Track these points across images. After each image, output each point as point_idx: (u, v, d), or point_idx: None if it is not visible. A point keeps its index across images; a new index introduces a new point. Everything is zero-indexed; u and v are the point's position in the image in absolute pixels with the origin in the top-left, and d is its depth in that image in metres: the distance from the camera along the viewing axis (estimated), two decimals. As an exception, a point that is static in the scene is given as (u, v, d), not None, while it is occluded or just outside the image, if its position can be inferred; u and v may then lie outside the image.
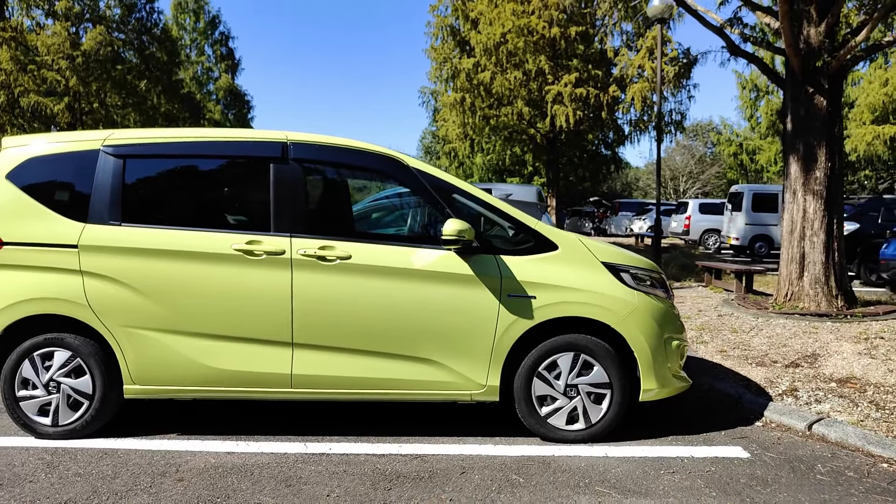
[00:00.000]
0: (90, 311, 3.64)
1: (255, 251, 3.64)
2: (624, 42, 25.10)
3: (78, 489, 3.04)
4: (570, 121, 23.47)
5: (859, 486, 3.12)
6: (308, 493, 3.02)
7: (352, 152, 3.88)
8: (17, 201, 3.73)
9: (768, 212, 17.25)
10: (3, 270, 3.69)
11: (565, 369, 3.70)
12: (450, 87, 25.99)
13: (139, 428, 3.89)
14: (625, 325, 3.67)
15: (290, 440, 3.72)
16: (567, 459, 3.44)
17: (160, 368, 3.67)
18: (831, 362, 5.12)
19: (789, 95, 7.34)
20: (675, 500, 2.96)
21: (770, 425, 4.01)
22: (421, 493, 3.01)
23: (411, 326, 3.64)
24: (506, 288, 3.64)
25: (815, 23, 7.04)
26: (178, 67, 28.86)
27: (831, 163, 7.11)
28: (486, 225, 3.88)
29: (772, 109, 35.08)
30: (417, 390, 3.70)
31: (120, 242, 3.66)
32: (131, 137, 3.84)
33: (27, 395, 3.70)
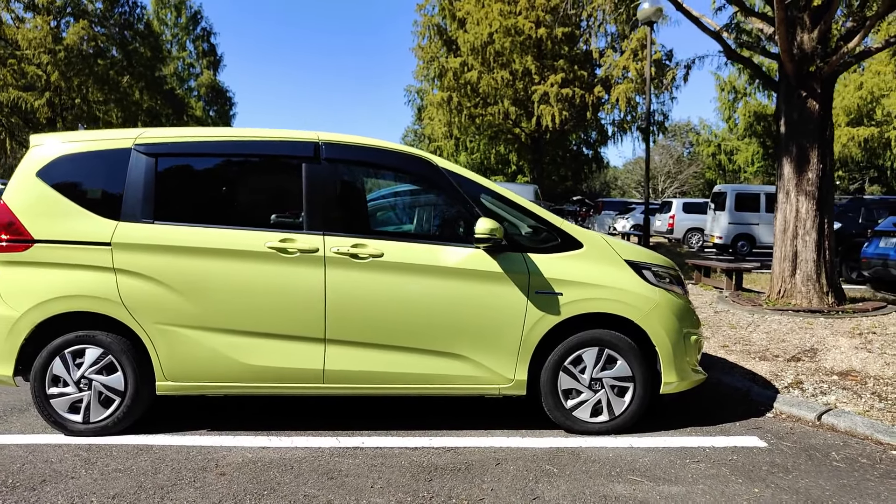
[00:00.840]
0: (123, 309, 3.67)
1: (289, 249, 3.70)
2: (608, 43, 25.43)
3: (122, 484, 3.08)
4: (556, 121, 23.73)
5: (874, 471, 3.30)
6: (352, 484, 3.10)
7: (382, 152, 3.96)
8: (47, 199, 3.75)
9: (750, 211, 17.63)
10: (34, 268, 3.70)
11: (590, 363, 3.82)
12: (436, 85, 26.09)
13: (168, 424, 3.93)
14: (647, 321, 3.81)
15: (321, 435, 3.79)
16: (595, 450, 3.57)
17: (193, 365, 3.72)
18: (830, 356, 5.34)
19: (783, 99, 7.57)
20: (705, 486, 3.10)
21: (781, 416, 4.19)
22: (461, 484, 3.12)
23: (441, 322, 3.74)
24: (533, 285, 3.76)
25: (808, 29, 7.28)
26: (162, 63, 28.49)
27: (823, 164, 7.35)
28: (513, 223, 3.98)
29: (749, 111, 35.71)
30: (447, 384, 3.80)
31: (153, 240, 3.69)
32: (163, 136, 3.88)
33: (58, 393, 3.72)
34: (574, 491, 3.04)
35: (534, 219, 3.94)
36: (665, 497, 2.97)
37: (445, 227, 4.05)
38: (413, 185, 4.23)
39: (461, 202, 3.89)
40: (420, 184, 4.14)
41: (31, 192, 3.76)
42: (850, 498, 2.99)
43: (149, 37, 26.48)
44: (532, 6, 23.42)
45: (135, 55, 24.90)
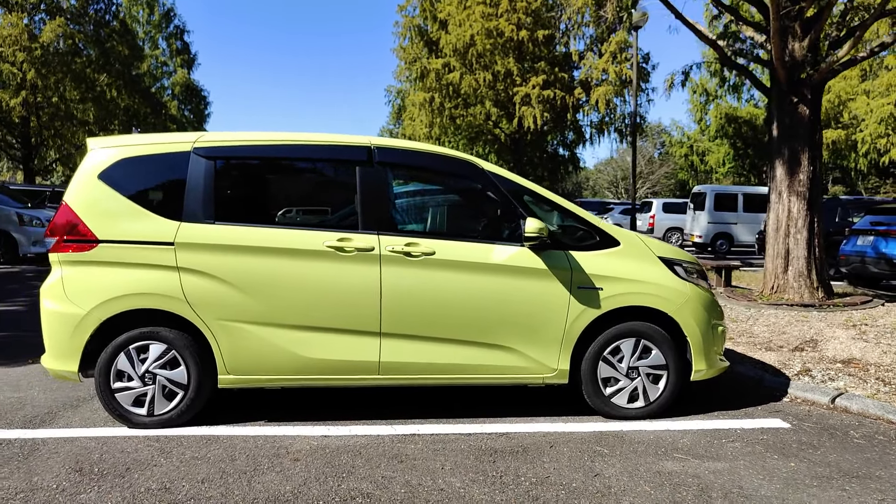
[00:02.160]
0: (187, 306, 3.82)
1: (346, 248, 3.90)
2: (588, 46, 25.95)
3: (206, 470, 3.25)
4: (537, 122, 24.16)
5: (891, 446, 3.65)
6: (422, 466, 3.32)
7: (430, 156, 4.18)
8: (110, 200, 3.88)
9: (729, 211, 18.26)
10: (98, 267, 3.83)
11: (627, 353, 4.10)
12: (418, 86, 26.29)
13: (226, 416, 4.08)
14: (680, 313, 4.10)
15: (376, 424, 4.00)
16: (636, 433, 3.85)
17: (254, 359, 3.89)
18: (831, 346, 5.73)
19: (775, 105, 8.00)
20: (746, 462, 3.40)
21: (796, 401, 4.53)
22: (524, 464, 3.36)
23: (490, 316, 3.98)
24: (575, 280, 4.02)
25: (799, 38, 7.70)
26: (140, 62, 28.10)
27: (813, 167, 7.79)
28: (554, 222, 4.24)
29: (720, 113, 36.68)
30: (495, 374, 4.04)
31: (216, 240, 3.85)
32: (221, 140, 4.03)
33: (122, 387, 3.86)
34: (629, 468, 3.31)
35: (573, 218, 4.21)
36: (713, 472, 3.26)
37: (491, 226, 4.28)
38: (459, 186, 4.45)
39: (505, 202, 4.13)
40: (466, 185, 4.37)
41: (94, 193, 3.89)
42: (877, 468, 3.32)
43: (125, 35, 26.11)
44: (513, 9, 23.78)
45: (112, 53, 24.54)
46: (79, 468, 3.27)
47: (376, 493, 3.01)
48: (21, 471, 3.23)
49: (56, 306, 3.81)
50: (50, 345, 3.84)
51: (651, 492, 3.03)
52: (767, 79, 8.38)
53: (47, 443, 3.64)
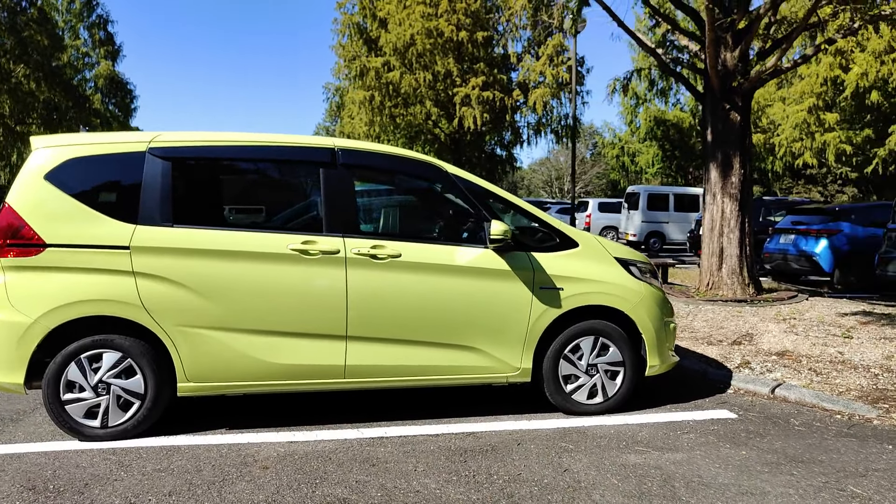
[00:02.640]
0: (144, 312, 3.68)
1: (311, 251, 3.85)
2: (525, 49, 26.42)
3: (171, 483, 3.15)
4: (477, 122, 24.40)
5: (828, 432, 3.94)
6: (395, 469, 3.33)
7: (394, 158, 4.19)
8: (58, 202, 3.69)
9: (661, 210, 19.03)
10: (46, 273, 3.63)
11: (587, 351, 4.24)
12: (358, 84, 26.02)
13: (183, 426, 3.96)
14: (635, 312, 4.28)
15: (342, 428, 3.97)
16: (597, 428, 4.00)
17: (216, 365, 3.79)
18: (766, 339, 6.10)
19: (709, 111, 8.42)
20: (701, 452, 3.59)
21: (739, 392, 4.80)
22: (495, 462, 3.43)
23: (456, 317, 4.03)
24: (537, 281, 4.13)
25: (730, 48, 8.13)
26: (61, 52, 26.57)
27: (744, 170, 8.25)
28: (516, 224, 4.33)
29: (650, 116, 38.08)
30: (461, 375, 4.09)
31: (174, 243, 3.73)
32: (178, 140, 3.90)
33: (73, 398, 3.68)
34: (595, 462, 3.43)
35: (534, 220, 4.31)
36: (673, 462, 3.43)
37: (455, 228, 4.33)
38: (424, 189, 4.47)
39: (469, 204, 4.18)
40: (430, 187, 4.40)
41: (40, 195, 3.69)
42: (819, 453, 3.57)
43: (44, 23, 24.62)
44: (453, 10, 23.93)
45: (30, 43, 23.10)
46: (31, 486, 3.11)
47: (352, 497, 3.01)
48: (-33, 491, 3.04)
49: (-1, 315, 3.60)
50: (-9, 356, 3.62)
51: (618, 484, 3.16)
52: (700, 87, 8.80)
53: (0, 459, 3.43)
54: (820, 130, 23.94)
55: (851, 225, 10.98)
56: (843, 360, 5.37)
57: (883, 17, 7.76)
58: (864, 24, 7.80)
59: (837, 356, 5.48)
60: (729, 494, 3.04)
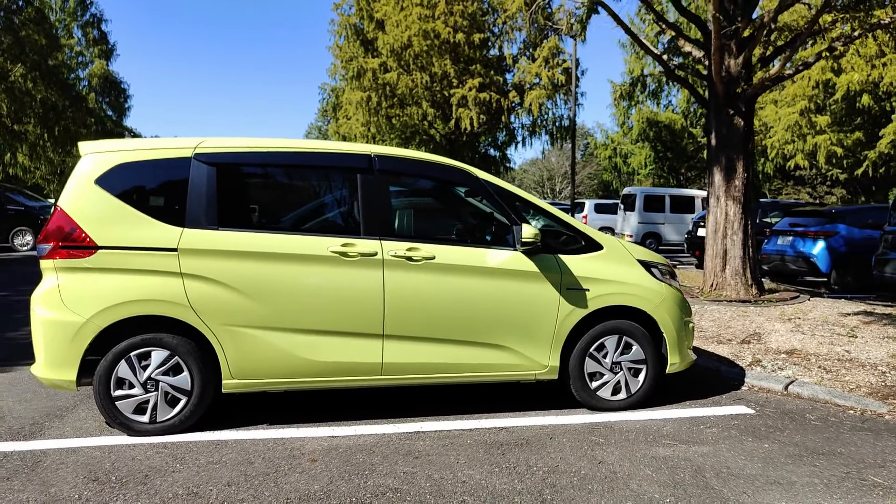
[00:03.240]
0: (192, 312, 3.83)
1: (350, 253, 4.01)
2: (521, 51, 26.64)
3: (228, 474, 3.30)
4: (474, 123, 24.59)
5: (843, 426, 4.14)
6: (438, 461, 3.50)
7: (427, 164, 4.36)
8: (109, 206, 3.82)
9: (657, 212, 19.30)
10: (98, 273, 3.77)
11: (611, 349, 4.43)
12: (355, 85, 26.13)
13: (226, 422, 4.10)
14: (657, 312, 4.47)
15: (379, 423, 4.13)
16: (624, 423, 4.18)
17: (259, 363, 3.94)
18: (773, 338, 6.31)
19: (713, 116, 8.64)
20: (726, 445, 3.78)
21: (754, 389, 5.01)
22: (532, 455, 3.60)
23: (487, 317, 4.20)
24: (565, 282, 4.30)
25: (734, 55, 8.36)
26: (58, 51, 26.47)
27: (747, 173, 8.48)
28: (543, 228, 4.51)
29: (642, 118, 38.44)
30: (491, 373, 4.26)
31: (220, 246, 3.87)
32: (223, 146, 4.04)
33: (123, 395, 3.82)
34: (627, 455, 3.61)
35: (561, 224, 4.49)
36: (701, 455, 3.62)
37: (486, 231, 4.50)
38: (455, 193, 4.64)
39: (499, 208, 4.35)
40: (461, 192, 4.57)
41: (91, 199, 3.82)
42: (837, 446, 3.78)
43: (42, 22, 24.53)
44: (450, 12, 24.10)
45: (27, 42, 23.01)
46: (95, 477, 3.25)
47: (403, 487, 3.17)
48: (34, 483, 3.18)
49: (52, 314, 3.73)
50: (45, 353, 3.75)
51: (652, 475, 3.34)
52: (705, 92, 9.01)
53: (48, 454, 3.56)
54: (812, 133, 24.31)
55: (848, 227, 11.25)
56: (850, 358, 5.59)
57: (881, 26, 8.01)
58: (863, 32, 8.05)
59: (844, 354, 5.70)
60: (758, 484, 3.23)
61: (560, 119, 28.06)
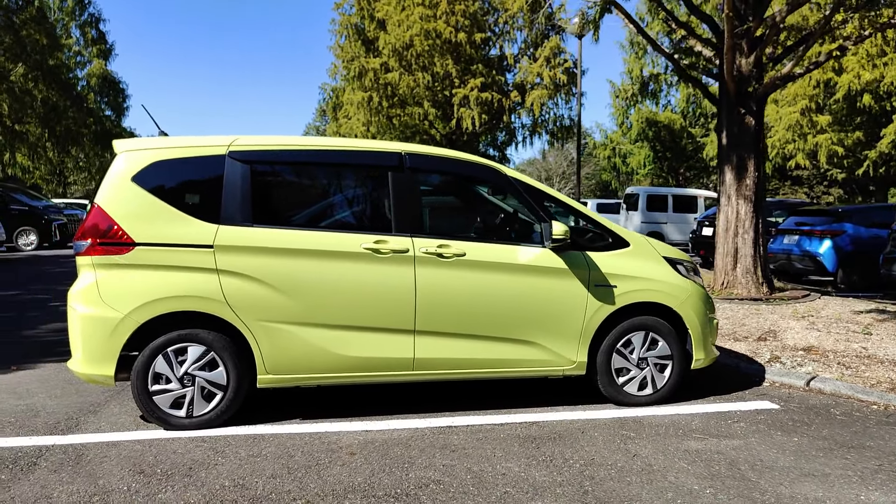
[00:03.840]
0: (228, 308, 3.87)
1: (382, 249, 4.05)
2: (522, 50, 26.72)
3: (270, 467, 3.35)
4: (475, 123, 24.67)
5: (869, 421, 4.21)
6: (476, 454, 3.55)
7: (457, 162, 4.41)
8: (146, 203, 3.87)
9: (659, 211, 19.38)
10: (135, 270, 3.81)
11: (638, 345, 4.48)
12: (356, 85, 26.17)
13: (258, 417, 4.14)
14: (683, 308, 4.52)
15: (409, 418, 4.18)
16: (652, 418, 4.23)
17: (294, 358, 3.98)
18: (789, 336, 6.38)
19: (725, 115, 8.70)
20: (756, 439, 3.84)
21: (775, 385, 5.07)
22: (566, 449, 3.65)
23: (517, 313, 4.24)
24: (593, 279, 4.36)
25: (745, 55, 8.43)
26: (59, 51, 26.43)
27: (758, 172, 8.55)
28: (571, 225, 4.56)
29: (641, 117, 38.54)
30: (520, 368, 4.31)
31: (255, 242, 3.92)
32: (257, 144, 4.09)
33: (160, 390, 3.86)
34: (661, 448, 3.67)
35: (588, 221, 4.55)
36: (733, 448, 3.68)
37: (515, 228, 4.55)
38: (484, 191, 4.70)
39: (528, 206, 4.40)
40: (490, 189, 4.62)
41: (128, 196, 3.86)
42: (865, 439, 3.84)
43: (43, 22, 24.52)
44: (452, 11, 24.16)
45: (28, 42, 22.99)
46: (140, 470, 3.29)
47: (445, 479, 3.22)
48: (81, 475, 3.21)
49: (91, 310, 3.77)
50: (83, 349, 3.79)
51: (688, 467, 3.40)
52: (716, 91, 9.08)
53: (89, 448, 3.60)
54: (812, 132, 24.42)
55: (854, 226, 11.33)
56: (867, 354, 5.66)
57: (891, 25, 8.08)
58: (873, 31, 8.13)
59: (861, 351, 5.77)
60: (793, 475, 3.29)
61: (561, 119, 28.17)
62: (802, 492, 3.10)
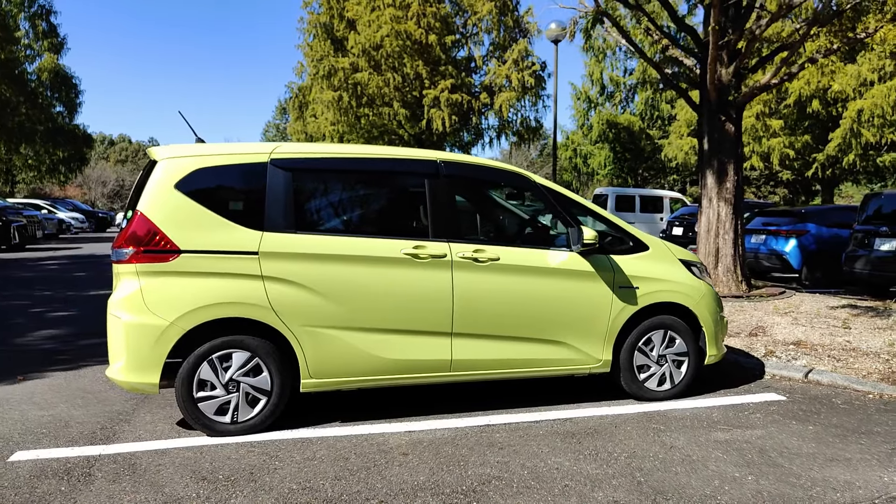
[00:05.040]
0: (273, 314, 3.93)
1: (421, 255, 4.18)
2: (490, 53, 27.03)
3: (331, 469, 3.43)
4: (446, 124, 24.84)
5: (868, 409, 4.56)
6: (524, 451, 3.71)
7: (489, 170, 4.57)
8: (190, 210, 3.89)
9: (628, 211, 19.95)
10: (181, 277, 3.83)
11: (658, 343, 4.73)
12: (324, 84, 25.98)
13: (298, 422, 4.21)
14: (698, 307, 4.79)
15: (446, 418, 4.31)
16: (675, 411, 4.48)
17: (336, 362, 4.07)
18: (778, 331, 6.77)
19: (706, 122, 9.11)
20: (776, 428, 4.13)
21: (776, 378, 5.40)
22: (607, 443, 3.85)
23: (548, 315, 4.43)
24: (617, 281, 4.58)
25: (725, 65, 8.84)
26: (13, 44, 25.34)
27: (737, 176, 8.99)
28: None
29: (602, 119, 39.47)
30: (551, 367, 4.50)
31: (299, 249, 3.99)
32: (298, 152, 4.15)
33: (205, 396, 3.89)
34: (692, 439, 3.91)
35: (610, 226, 4.77)
36: (758, 437, 3.95)
37: (544, 233, 4.72)
38: (515, 197, 4.86)
39: (555, 211, 4.59)
40: (519, 196, 4.79)
41: (172, 204, 3.88)
42: (872, 426, 4.17)
43: (-6, 14, 23.49)
44: (423, 13, 24.26)
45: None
46: (202, 476, 3.33)
47: (504, 475, 3.37)
48: (142, 484, 3.24)
49: (135, 318, 3.77)
50: (127, 357, 3.79)
51: (723, 456, 3.64)
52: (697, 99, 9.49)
53: (137, 456, 3.61)
54: (766, 135, 25.48)
55: (817, 226, 11.97)
56: (852, 347, 6.08)
57: (857, 40, 8.62)
58: (841, 45, 8.64)
59: (846, 344, 6.18)
60: (820, 461, 3.57)
61: (527, 120, 28.59)
62: (832, 475, 3.38)
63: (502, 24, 25.93)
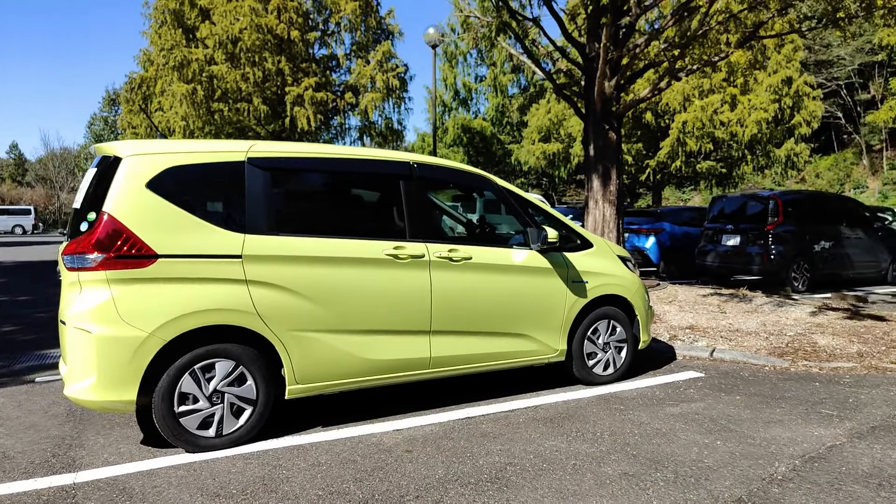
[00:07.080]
0: (258, 319, 3.78)
1: (401, 255, 4.24)
2: (355, 52, 26.87)
3: (346, 472, 3.40)
4: (311, 123, 24.29)
5: (770, 379, 5.37)
6: (517, 438, 3.93)
7: (458, 172, 4.73)
8: (165, 212, 3.62)
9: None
10: (158, 284, 3.56)
11: (603, 332, 5.19)
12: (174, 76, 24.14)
13: (279, 431, 4.07)
14: (634, 298, 5.33)
15: (425, 414, 4.40)
16: (623, 392, 4.96)
17: (322, 366, 4.00)
18: (671, 318, 7.64)
19: (591, 130, 9.95)
20: (712, 400, 4.74)
21: (686, 358, 6.14)
22: (584, 425, 4.19)
23: (514, 309, 4.69)
24: (570, 276, 4.96)
25: (608, 78, 9.74)
26: None
27: (619, 180, 9.93)
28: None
29: (457, 123, 40.91)
30: (516, 359, 4.77)
31: (283, 251, 3.87)
32: (275, 151, 4.01)
33: (187, 410, 3.64)
34: (651, 415, 4.38)
35: (560, 225, 5.14)
36: (703, 408, 4.52)
37: (506, 232, 4.96)
38: (479, 199, 5.03)
39: (514, 212, 4.87)
40: (486, 197, 4.97)
41: (144, 204, 3.59)
42: (782, 391, 4.94)
43: None
44: (284, 7, 23.51)
45: None
46: (214, 493, 3.15)
47: (514, 461, 3.56)
48: (152, 508, 2.99)
49: (108, 330, 3.45)
50: (98, 374, 3.45)
51: (686, 427, 4.14)
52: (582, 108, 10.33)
53: (123, 481, 3.31)
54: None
55: (671, 224, 13.55)
56: (735, 328, 7.06)
57: (711, 63, 9.94)
58: (700, 66, 9.91)
59: (730, 326, 7.17)
60: (761, 424, 4.19)
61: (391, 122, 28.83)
62: (777, 434, 3.99)
63: (365, 24, 25.94)
